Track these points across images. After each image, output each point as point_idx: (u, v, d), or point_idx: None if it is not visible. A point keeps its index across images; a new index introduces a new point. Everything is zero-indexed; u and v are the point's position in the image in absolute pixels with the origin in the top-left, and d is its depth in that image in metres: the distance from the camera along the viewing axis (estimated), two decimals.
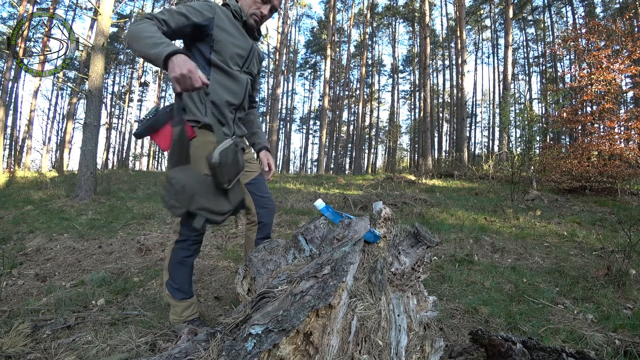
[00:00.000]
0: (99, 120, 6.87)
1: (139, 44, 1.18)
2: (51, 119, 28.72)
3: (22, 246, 3.46)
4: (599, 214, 5.29)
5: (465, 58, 15.33)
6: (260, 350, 0.68)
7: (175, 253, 1.50)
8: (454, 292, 2.15)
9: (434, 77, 28.14)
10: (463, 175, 11.61)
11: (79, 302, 1.95)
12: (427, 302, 1.27)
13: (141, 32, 1.20)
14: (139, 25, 1.24)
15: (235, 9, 1.49)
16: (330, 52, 20.19)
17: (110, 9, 6.94)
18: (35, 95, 19.11)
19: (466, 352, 1.17)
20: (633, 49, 7.71)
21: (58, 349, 1.42)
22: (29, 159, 20.20)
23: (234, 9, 1.49)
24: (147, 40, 1.18)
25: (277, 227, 4.18)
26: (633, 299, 2.08)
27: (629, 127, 7.72)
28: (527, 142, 9.53)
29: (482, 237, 3.63)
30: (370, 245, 1.17)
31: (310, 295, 0.81)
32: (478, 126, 31.28)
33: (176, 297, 1.52)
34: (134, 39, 1.20)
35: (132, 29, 1.23)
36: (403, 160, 29.26)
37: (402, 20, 27.80)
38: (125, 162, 26.53)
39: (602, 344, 1.52)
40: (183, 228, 1.49)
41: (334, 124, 27.92)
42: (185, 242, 1.50)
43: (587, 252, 3.23)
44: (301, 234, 1.29)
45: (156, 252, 3.16)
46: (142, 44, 1.18)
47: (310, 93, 39.06)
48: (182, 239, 1.50)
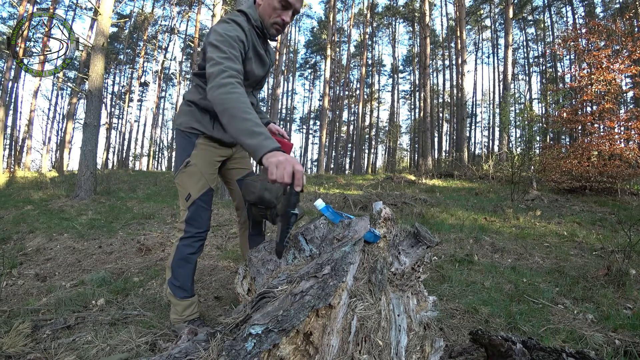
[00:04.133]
0: (99, 120, 6.87)
1: (234, 125, 1.07)
2: (51, 119, 28.73)
3: (22, 246, 3.46)
4: (599, 214, 5.29)
5: (465, 58, 15.33)
6: (260, 350, 0.67)
7: (180, 250, 1.52)
8: (454, 292, 2.15)
9: (434, 77, 28.15)
10: (463, 175, 11.60)
11: (79, 302, 1.95)
12: (427, 302, 1.27)
13: (235, 108, 1.08)
14: (231, 93, 1.11)
15: (257, 25, 1.40)
16: (330, 52, 20.19)
17: (110, 9, 6.94)
18: (35, 95, 19.11)
19: (466, 352, 1.17)
20: (633, 49, 7.71)
21: (58, 349, 1.42)
22: (29, 159, 20.20)
23: (255, 25, 1.40)
24: (244, 124, 1.06)
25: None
26: (633, 299, 2.07)
27: (629, 127, 7.71)
28: (527, 142, 9.53)
29: (482, 237, 3.63)
30: (370, 245, 1.17)
31: (310, 295, 0.81)
32: (478, 126, 31.28)
33: (178, 296, 1.53)
34: (227, 115, 1.08)
35: (223, 98, 1.10)
36: (403, 160, 29.27)
37: (402, 20, 27.79)
38: (125, 162, 26.52)
39: (602, 344, 1.52)
40: (188, 225, 1.51)
41: (334, 124, 27.91)
42: (189, 239, 1.52)
43: (587, 252, 3.23)
44: (301, 234, 1.29)
45: (156, 252, 3.16)
46: (238, 128, 1.06)
47: (310, 93, 39.08)
48: (186, 236, 1.51)
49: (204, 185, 1.52)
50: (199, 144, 1.50)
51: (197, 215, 1.51)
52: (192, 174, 1.50)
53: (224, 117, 1.09)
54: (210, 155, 1.54)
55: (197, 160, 1.50)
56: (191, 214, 1.51)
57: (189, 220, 1.51)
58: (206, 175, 1.52)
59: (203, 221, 1.54)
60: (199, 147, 1.51)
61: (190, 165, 1.49)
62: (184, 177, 1.50)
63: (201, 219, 1.53)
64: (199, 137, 1.51)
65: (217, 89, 1.13)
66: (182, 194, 1.52)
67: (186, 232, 1.51)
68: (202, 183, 1.51)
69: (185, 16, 24.30)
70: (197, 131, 1.50)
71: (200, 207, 1.52)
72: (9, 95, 15.76)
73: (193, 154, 1.50)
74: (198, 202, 1.51)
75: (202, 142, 1.51)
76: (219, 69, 1.17)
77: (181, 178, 1.51)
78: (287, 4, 1.36)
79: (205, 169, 1.52)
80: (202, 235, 1.55)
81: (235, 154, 1.70)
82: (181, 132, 1.52)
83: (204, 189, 1.52)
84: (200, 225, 1.53)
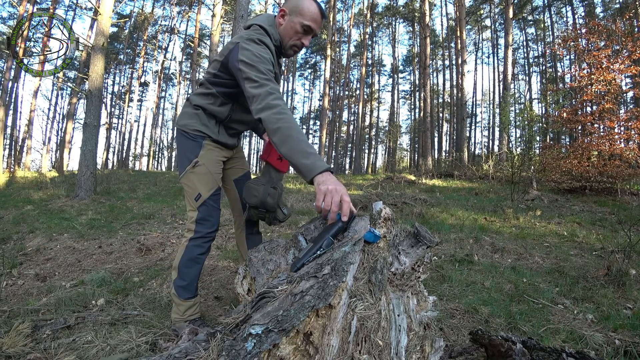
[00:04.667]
0: (99, 120, 6.88)
1: (289, 144, 1.12)
2: (51, 119, 28.74)
3: (22, 246, 3.46)
4: (599, 214, 5.29)
5: (465, 58, 15.33)
6: (260, 350, 0.67)
7: (190, 250, 1.52)
8: (454, 292, 2.15)
9: (434, 77, 28.15)
10: (463, 175, 11.60)
11: (79, 302, 1.95)
12: (427, 302, 1.26)
13: (290, 128, 1.13)
14: (284, 114, 1.16)
15: (277, 44, 1.43)
16: (330, 52, 20.16)
17: (110, 9, 6.94)
18: (35, 95, 19.10)
19: (466, 352, 1.17)
20: (633, 49, 7.71)
21: (58, 349, 1.42)
22: (29, 159, 20.20)
23: (272, 36, 1.41)
24: (299, 145, 1.11)
25: (277, 227, 4.19)
26: (633, 299, 2.07)
27: (629, 127, 7.71)
28: (527, 142, 9.53)
29: (482, 237, 3.63)
30: (370, 245, 1.17)
31: (310, 295, 0.81)
32: (478, 126, 31.30)
33: (182, 296, 1.53)
34: (282, 135, 1.13)
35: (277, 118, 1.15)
36: (403, 160, 29.28)
37: (402, 20, 27.80)
38: (125, 162, 26.53)
39: (602, 344, 1.52)
40: (199, 225, 1.52)
41: (334, 123, 27.91)
42: (199, 240, 1.52)
43: (587, 252, 3.23)
44: (301, 234, 1.29)
45: (156, 252, 3.16)
46: (294, 148, 1.11)
47: (310, 93, 39.10)
48: (197, 236, 1.52)
49: (213, 185, 1.54)
50: (205, 144, 1.52)
51: (208, 215, 1.53)
52: (201, 174, 1.51)
53: (277, 136, 1.13)
54: (216, 155, 1.56)
55: (205, 161, 1.51)
56: (202, 214, 1.51)
57: (199, 221, 1.51)
58: (214, 175, 1.54)
59: (214, 220, 1.55)
60: (206, 148, 1.52)
61: (199, 166, 1.50)
62: (193, 177, 1.51)
63: (212, 219, 1.54)
64: (205, 139, 1.52)
65: (269, 109, 1.17)
66: (191, 194, 1.52)
67: (197, 232, 1.52)
68: (211, 183, 1.53)
69: (185, 16, 24.30)
70: (203, 134, 1.51)
71: (211, 206, 1.53)
72: (9, 95, 15.76)
73: (201, 154, 1.51)
74: (209, 202, 1.52)
75: (208, 143, 1.53)
76: (266, 90, 1.21)
77: (189, 178, 1.52)
78: (309, 30, 1.41)
79: (213, 168, 1.54)
80: (212, 235, 1.56)
81: (233, 155, 1.71)
82: (186, 133, 1.52)
83: (214, 189, 1.54)
84: (212, 224, 1.54)
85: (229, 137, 1.59)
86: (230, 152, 1.67)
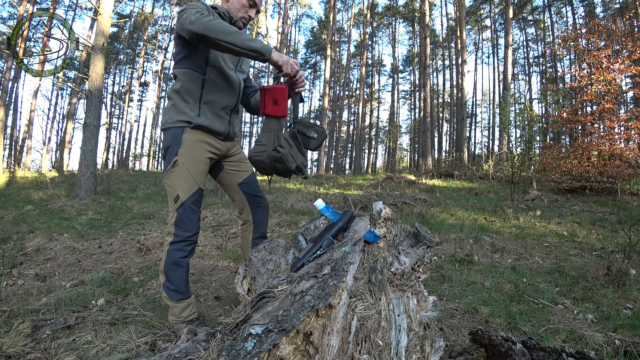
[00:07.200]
0: (99, 120, 6.88)
1: (234, 38, 1.25)
2: (51, 119, 28.75)
3: (22, 246, 3.46)
4: (599, 214, 5.29)
5: (465, 58, 15.33)
6: (260, 350, 0.67)
7: (171, 254, 1.49)
8: (454, 292, 2.15)
9: (434, 77, 28.15)
10: (463, 175, 11.60)
11: (79, 302, 1.95)
12: (427, 302, 1.27)
13: (227, 27, 1.27)
14: (216, 20, 1.30)
15: (223, 12, 1.50)
16: (330, 52, 20.18)
17: (110, 9, 6.94)
18: (35, 95, 19.11)
19: (466, 352, 1.17)
20: (633, 49, 7.70)
21: (58, 349, 1.42)
22: (29, 159, 20.20)
23: (222, 12, 1.49)
24: (239, 35, 1.27)
25: (277, 227, 4.18)
26: (633, 299, 2.07)
27: (629, 127, 7.71)
28: (527, 142, 9.52)
29: (482, 237, 3.63)
30: (370, 245, 1.17)
31: (310, 295, 0.81)
32: (478, 126, 31.29)
33: (173, 299, 1.51)
34: (223, 33, 1.25)
35: (213, 24, 1.26)
36: (403, 160, 29.26)
37: (402, 20, 27.79)
38: (125, 162, 26.53)
39: (602, 344, 1.52)
40: (177, 229, 1.48)
41: (333, 123, 27.90)
42: (180, 244, 1.49)
43: (587, 252, 3.23)
44: (301, 234, 1.29)
45: (156, 252, 3.16)
46: (238, 39, 1.26)
47: (310, 93, 39.08)
48: (176, 240, 1.49)
49: (192, 186, 1.48)
50: (185, 140, 1.46)
51: (185, 217, 1.48)
52: (180, 174, 1.46)
53: (219, 35, 1.25)
54: (198, 153, 1.49)
55: (184, 160, 1.46)
56: (179, 216, 1.47)
57: (177, 223, 1.48)
58: (194, 175, 1.48)
59: (192, 224, 1.50)
60: (185, 145, 1.46)
61: (178, 165, 1.46)
62: (172, 177, 1.47)
63: (190, 222, 1.49)
64: (185, 130, 1.47)
65: (201, 19, 1.27)
66: (171, 195, 1.48)
67: (176, 235, 1.48)
68: (190, 184, 1.47)
69: None
70: (182, 123, 1.47)
71: (189, 209, 1.48)
72: (9, 95, 15.77)
73: (180, 152, 1.46)
74: (186, 204, 1.47)
75: (189, 137, 1.47)
76: (194, 11, 1.32)
77: (169, 178, 1.48)
78: (254, 3, 1.58)
79: (192, 168, 1.48)
80: (192, 239, 1.52)
81: (232, 155, 1.68)
82: (167, 130, 1.50)
83: (193, 190, 1.48)
84: (190, 228, 1.49)
85: (214, 119, 1.52)
86: (223, 144, 1.59)
